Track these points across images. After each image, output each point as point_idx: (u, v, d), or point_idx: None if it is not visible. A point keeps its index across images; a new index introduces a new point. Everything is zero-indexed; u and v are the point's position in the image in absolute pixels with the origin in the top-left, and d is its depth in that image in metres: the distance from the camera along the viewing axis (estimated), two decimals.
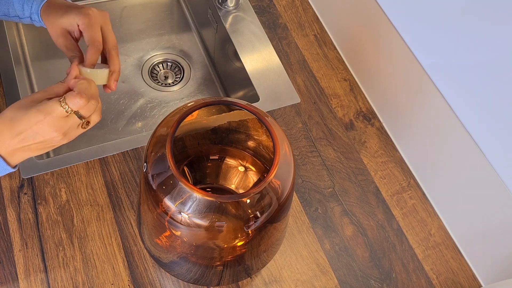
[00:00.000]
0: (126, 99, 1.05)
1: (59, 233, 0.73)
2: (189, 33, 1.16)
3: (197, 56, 1.13)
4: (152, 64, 1.11)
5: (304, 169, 0.83)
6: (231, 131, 0.70)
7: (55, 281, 0.69)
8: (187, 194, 0.54)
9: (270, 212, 0.57)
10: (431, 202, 0.83)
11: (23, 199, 0.75)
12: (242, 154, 0.72)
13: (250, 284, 0.72)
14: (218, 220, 0.56)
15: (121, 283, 0.70)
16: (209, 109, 0.64)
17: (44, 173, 0.77)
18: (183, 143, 0.70)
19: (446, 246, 0.79)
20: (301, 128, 0.88)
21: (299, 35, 1.00)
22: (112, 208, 0.76)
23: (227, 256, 0.62)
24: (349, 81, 0.94)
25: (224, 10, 1.01)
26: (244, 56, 0.95)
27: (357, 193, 0.82)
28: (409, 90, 0.81)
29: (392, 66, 0.84)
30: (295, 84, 0.93)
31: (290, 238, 0.77)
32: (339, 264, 0.75)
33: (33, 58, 1.05)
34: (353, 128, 0.89)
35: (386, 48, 0.84)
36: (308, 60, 0.96)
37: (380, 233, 0.79)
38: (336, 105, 0.91)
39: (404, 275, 0.76)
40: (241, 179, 0.73)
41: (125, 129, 1.01)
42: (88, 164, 0.79)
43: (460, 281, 0.76)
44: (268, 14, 1.02)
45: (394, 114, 0.87)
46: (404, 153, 0.87)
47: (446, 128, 0.75)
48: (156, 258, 0.66)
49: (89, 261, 0.71)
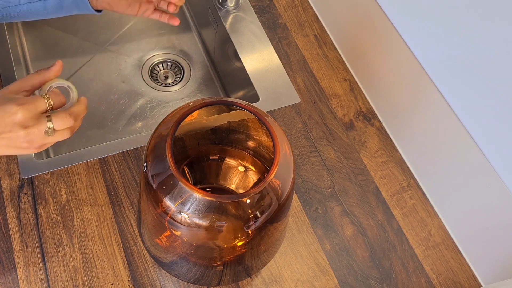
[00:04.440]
0: (126, 99, 1.05)
1: (59, 233, 0.73)
2: (189, 33, 1.16)
3: (197, 56, 1.13)
4: (152, 64, 1.11)
5: (304, 169, 0.83)
6: (231, 131, 0.70)
7: (55, 281, 0.69)
8: (187, 194, 0.54)
9: (270, 212, 0.57)
10: (431, 202, 0.83)
11: (23, 199, 0.75)
12: (242, 154, 0.72)
13: (250, 284, 0.72)
14: (218, 220, 0.56)
15: (121, 283, 0.70)
16: (209, 109, 0.64)
17: (44, 173, 0.77)
18: (183, 143, 0.70)
19: (446, 246, 0.79)
20: (301, 128, 0.88)
21: (299, 35, 1.00)
22: (112, 208, 0.76)
23: (227, 256, 0.62)
24: (349, 81, 0.94)
25: (224, 10, 1.01)
26: (244, 56, 0.95)
27: (357, 193, 0.82)
28: (409, 90, 0.81)
29: (392, 66, 0.84)
30: (295, 84, 0.93)
31: (290, 238, 0.77)
32: (339, 264, 0.75)
33: (33, 58, 1.05)
34: (353, 128, 0.89)
35: (386, 48, 0.84)
36: (308, 60, 0.96)
37: (380, 233, 0.79)
38: (336, 105, 0.91)
39: (404, 275, 0.76)
40: (241, 179, 0.73)
41: (125, 129, 1.01)
42: (88, 164, 0.79)
43: (460, 281, 0.76)
44: (268, 14, 1.02)
45: (394, 114, 0.87)
46: (404, 153, 0.87)
47: (446, 128, 0.75)
48: (156, 258, 0.66)
49: (89, 261, 0.71)
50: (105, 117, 1.02)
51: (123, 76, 1.08)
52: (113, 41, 1.12)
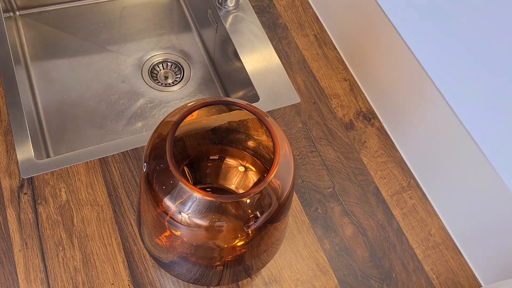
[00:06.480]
0: (126, 99, 1.05)
1: (59, 233, 0.73)
2: (189, 33, 1.16)
3: (197, 56, 1.13)
4: (152, 64, 1.11)
5: (304, 169, 0.83)
6: (231, 131, 0.70)
7: (55, 281, 0.69)
8: (187, 194, 0.54)
9: (270, 212, 0.57)
10: (431, 202, 0.83)
11: (23, 199, 0.75)
12: (242, 154, 0.72)
13: (250, 284, 0.72)
14: (218, 220, 0.56)
15: (121, 283, 0.70)
16: (209, 109, 0.64)
17: (44, 173, 0.77)
18: (183, 143, 0.70)
19: (446, 246, 0.79)
20: (301, 128, 0.88)
21: (299, 35, 1.00)
22: (112, 208, 0.76)
23: (227, 256, 0.62)
24: (349, 81, 0.94)
25: (224, 10, 1.01)
26: (244, 56, 0.95)
27: (357, 193, 0.82)
28: (409, 90, 0.81)
29: (392, 66, 0.84)
30: (295, 84, 0.93)
31: (290, 238, 0.77)
32: (339, 264, 0.75)
33: (33, 58, 1.05)
34: (353, 128, 0.89)
35: (386, 48, 0.84)
36: (308, 60, 0.96)
37: (380, 233, 0.79)
38: (336, 105, 0.91)
39: (404, 275, 0.76)
40: (241, 179, 0.73)
41: (125, 129, 1.01)
42: (88, 164, 0.79)
43: (460, 281, 0.76)
44: (268, 14, 1.02)
45: (394, 114, 0.87)
46: (404, 153, 0.87)
47: (446, 128, 0.75)
48: (156, 258, 0.66)
49: (89, 261, 0.71)
50: (105, 117, 1.02)
51: (123, 76, 1.08)
52: (113, 41, 1.12)
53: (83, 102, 1.03)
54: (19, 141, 0.79)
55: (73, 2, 1.14)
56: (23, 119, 0.81)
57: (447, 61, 0.72)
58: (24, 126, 0.80)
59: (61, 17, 1.13)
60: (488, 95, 0.67)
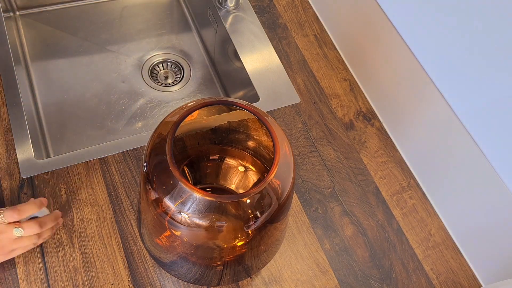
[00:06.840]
0: (126, 99, 1.05)
1: (59, 233, 0.73)
2: (189, 33, 1.16)
3: (197, 56, 1.13)
4: (152, 64, 1.11)
5: (304, 169, 0.83)
6: (231, 131, 0.70)
7: (55, 281, 0.69)
8: (187, 194, 0.54)
9: (270, 212, 0.57)
10: (431, 202, 0.83)
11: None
12: (242, 154, 0.72)
13: (250, 284, 0.72)
14: (218, 220, 0.55)
15: (121, 283, 0.70)
16: (209, 109, 0.64)
17: (44, 173, 0.77)
18: (183, 143, 0.70)
19: (446, 246, 0.79)
20: (301, 128, 0.88)
21: (299, 35, 1.00)
22: (112, 208, 0.76)
23: (227, 256, 0.62)
24: (349, 81, 0.94)
25: (224, 10, 1.01)
26: (244, 56, 0.95)
27: (357, 193, 0.82)
28: (409, 90, 0.81)
29: (392, 66, 0.84)
30: (295, 84, 0.93)
31: (290, 238, 0.77)
32: (339, 264, 0.75)
33: (33, 58, 1.05)
34: (353, 128, 0.89)
35: (386, 48, 0.84)
36: (308, 60, 0.96)
37: (380, 233, 0.79)
38: (336, 105, 0.91)
39: (404, 275, 0.76)
40: (241, 179, 0.73)
41: (125, 129, 1.01)
42: (88, 164, 0.79)
43: (460, 281, 0.76)
44: (268, 14, 1.02)
45: (394, 114, 0.87)
46: (404, 153, 0.87)
47: (446, 128, 0.75)
48: (156, 258, 0.66)
49: (89, 261, 0.71)
50: (105, 117, 1.02)
51: (123, 76, 1.08)
52: (113, 41, 1.12)
53: (83, 102, 1.03)
54: (19, 141, 0.79)
55: (73, 2, 1.14)
56: (23, 119, 0.81)
57: (447, 61, 0.72)
58: (24, 126, 0.80)
59: (61, 17, 1.13)
60: (488, 95, 0.67)
